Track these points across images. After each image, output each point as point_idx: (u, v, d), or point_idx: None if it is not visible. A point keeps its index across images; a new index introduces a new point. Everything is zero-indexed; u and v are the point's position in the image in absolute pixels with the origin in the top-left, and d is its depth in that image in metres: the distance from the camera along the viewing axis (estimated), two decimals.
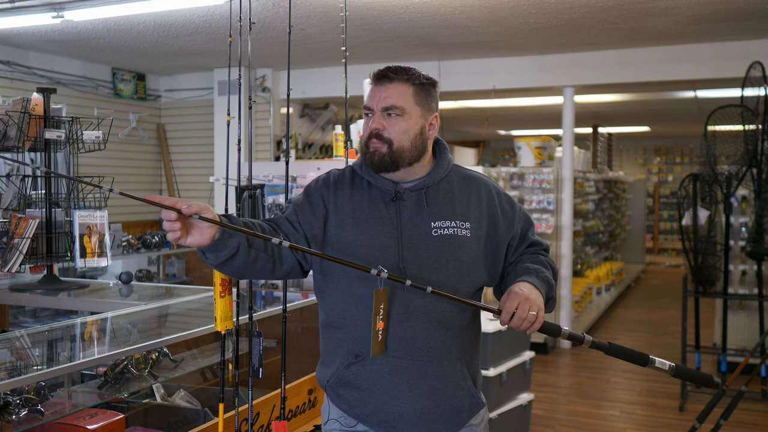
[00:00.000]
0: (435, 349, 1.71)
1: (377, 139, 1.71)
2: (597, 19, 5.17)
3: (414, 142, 1.72)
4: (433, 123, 1.77)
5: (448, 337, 1.72)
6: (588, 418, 4.80)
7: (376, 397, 1.72)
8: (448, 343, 1.73)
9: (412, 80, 1.73)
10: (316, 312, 3.37)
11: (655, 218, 15.40)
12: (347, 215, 1.75)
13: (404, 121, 1.71)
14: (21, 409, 2.20)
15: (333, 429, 1.82)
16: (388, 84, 1.72)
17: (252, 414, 2.10)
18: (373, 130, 1.71)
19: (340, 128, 3.99)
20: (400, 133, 1.71)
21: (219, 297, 1.94)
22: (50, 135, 3.16)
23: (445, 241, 1.72)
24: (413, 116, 1.72)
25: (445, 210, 1.75)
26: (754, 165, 4.96)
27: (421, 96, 1.74)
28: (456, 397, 1.74)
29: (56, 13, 4.69)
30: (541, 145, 7.29)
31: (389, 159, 1.70)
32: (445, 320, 1.72)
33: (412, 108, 1.72)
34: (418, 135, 1.73)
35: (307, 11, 4.99)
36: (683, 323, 5.13)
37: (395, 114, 1.71)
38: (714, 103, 5.45)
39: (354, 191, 1.77)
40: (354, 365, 1.73)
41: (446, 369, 1.72)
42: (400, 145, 1.70)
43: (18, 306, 3.84)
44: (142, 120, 7.87)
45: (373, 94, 1.74)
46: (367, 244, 1.71)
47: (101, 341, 2.61)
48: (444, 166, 1.80)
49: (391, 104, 1.70)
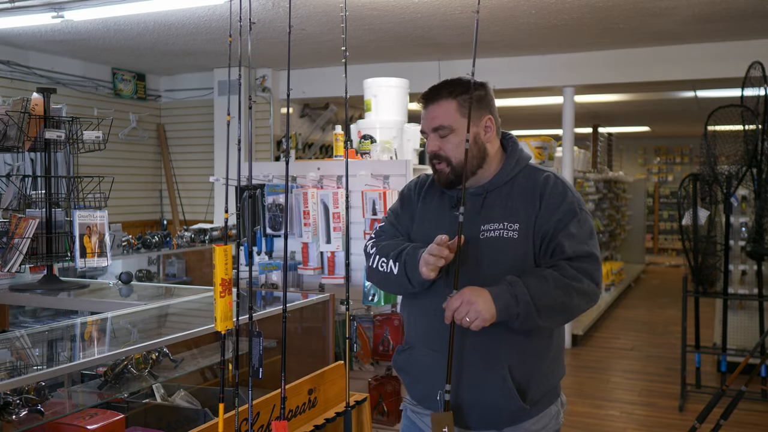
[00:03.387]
0: (469, 350, 1.78)
1: (437, 160, 1.84)
2: (597, 19, 5.17)
3: (470, 152, 1.79)
4: (488, 125, 1.84)
5: (482, 341, 1.77)
6: (588, 418, 4.80)
7: (422, 384, 1.88)
8: (482, 347, 1.78)
9: (455, 94, 1.81)
10: (316, 312, 3.37)
11: (655, 218, 15.40)
12: (422, 217, 1.95)
13: (455, 136, 1.80)
14: (21, 409, 2.20)
15: (405, 404, 2.05)
16: (433, 105, 1.83)
17: (252, 414, 2.10)
18: (430, 153, 1.85)
19: (340, 128, 3.99)
20: (453, 148, 1.80)
21: (219, 297, 1.94)
22: (50, 135, 3.16)
23: (491, 243, 1.78)
24: (462, 129, 1.80)
25: (497, 212, 1.81)
26: (754, 165, 4.96)
27: (467, 106, 1.79)
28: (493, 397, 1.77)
29: (56, 13, 4.69)
30: (541, 145, 7.28)
31: (453, 176, 1.82)
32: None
33: (458, 122, 1.80)
34: (473, 145, 1.81)
35: (307, 11, 4.99)
36: (683, 323, 5.13)
37: (445, 133, 1.80)
38: (714, 103, 5.45)
39: (430, 196, 1.96)
40: (403, 352, 1.93)
41: (483, 370, 1.77)
42: (457, 160, 1.80)
43: (18, 306, 3.83)
44: (142, 120, 7.87)
45: (424, 116, 1.86)
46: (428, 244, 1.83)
47: (101, 341, 2.61)
48: (508, 169, 1.85)
49: (438, 124, 1.81)
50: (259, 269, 3.73)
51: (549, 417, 1.86)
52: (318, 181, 3.74)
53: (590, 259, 1.77)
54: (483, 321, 1.63)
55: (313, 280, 3.76)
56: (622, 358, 6.58)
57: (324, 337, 3.37)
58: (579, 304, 1.74)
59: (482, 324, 1.64)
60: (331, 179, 3.72)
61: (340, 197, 3.56)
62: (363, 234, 3.55)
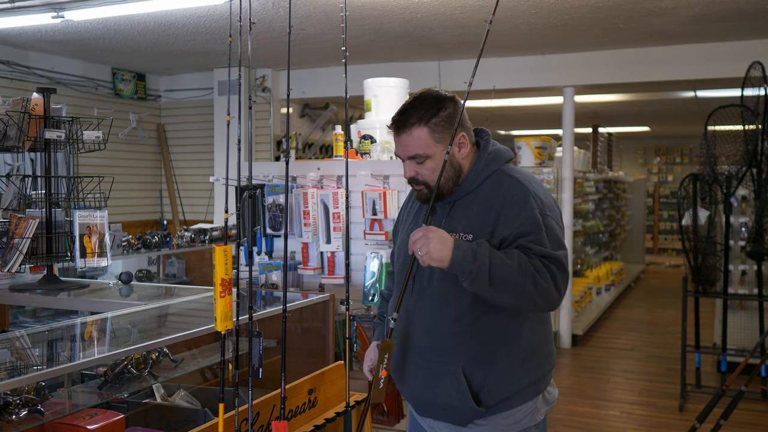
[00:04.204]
0: (426, 351, 1.85)
1: (415, 183, 1.89)
2: (597, 19, 5.17)
3: (446, 174, 1.83)
4: (462, 142, 1.86)
5: (436, 340, 1.82)
6: (588, 418, 4.80)
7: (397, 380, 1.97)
8: (437, 346, 1.83)
9: (426, 119, 1.81)
10: (316, 312, 3.37)
11: (655, 218, 15.40)
12: (404, 220, 2.05)
13: (431, 161, 1.83)
14: (21, 409, 2.20)
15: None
16: (405, 134, 1.84)
17: (252, 414, 2.10)
18: (408, 178, 1.89)
19: (340, 128, 3.99)
20: (430, 173, 1.84)
21: (219, 297, 1.94)
22: (50, 135, 3.16)
23: None
24: (437, 154, 1.83)
25: (458, 223, 1.85)
26: (754, 165, 4.96)
27: (439, 129, 1.82)
28: (449, 397, 1.82)
29: (56, 13, 4.69)
30: (541, 145, 7.29)
31: (431, 195, 1.83)
32: (433, 326, 1.83)
33: (433, 148, 1.83)
34: (449, 167, 1.84)
35: (307, 11, 4.99)
36: (683, 323, 5.13)
37: (421, 160, 1.83)
38: (714, 103, 5.44)
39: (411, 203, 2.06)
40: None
41: (439, 370, 1.82)
42: (435, 183, 1.83)
43: (18, 306, 3.83)
44: (142, 120, 7.87)
45: (396, 143, 1.88)
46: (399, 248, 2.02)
47: (101, 341, 2.61)
48: (473, 176, 1.86)
49: (413, 153, 1.84)
50: (259, 269, 3.74)
51: (523, 413, 1.85)
52: (318, 181, 3.74)
53: (556, 263, 1.74)
54: (431, 259, 1.67)
55: (313, 280, 3.76)
56: (622, 358, 6.59)
57: (324, 337, 3.38)
58: (533, 296, 1.70)
59: (429, 262, 1.67)
60: (331, 179, 3.72)
61: (340, 197, 3.56)
62: (363, 234, 3.55)
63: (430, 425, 1.95)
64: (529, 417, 1.86)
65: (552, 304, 1.76)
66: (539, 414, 1.88)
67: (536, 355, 1.87)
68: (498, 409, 1.83)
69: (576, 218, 7.47)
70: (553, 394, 1.95)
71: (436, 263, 1.68)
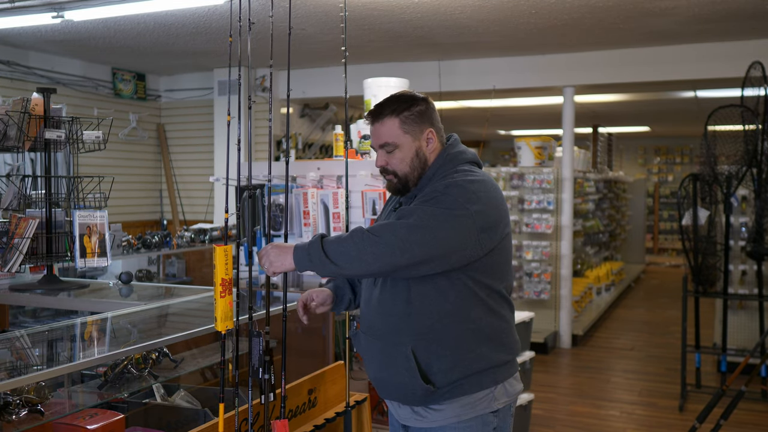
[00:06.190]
0: (381, 332, 1.97)
1: (385, 173, 2.01)
2: (597, 19, 5.17)
3: (412, 164, 1.97)
4: (430, 137, 1.99)
5: (390, 323, 1.94)
6: (588, 418, 4.80)
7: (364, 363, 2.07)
8: (390, 329, 1.94)
9: (398, 112, 1.96)
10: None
11: (655, 218, 15.40)
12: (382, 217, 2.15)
13: (399, 151, 1.97)
14: (21, 409, 2.20)
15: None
16: (378, 123, 1.98)
17: (252, 414, 2.10)
18: (379, 167, 2.01)
19: (340, 128, 3.99)
20: (399, 162, 1.98)
21: (219, 297, 1.95)
22: (50, 135, 3.16)
23: None
24: (406, 144, 1.97)
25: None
26: (754, 165, 4.96)
27: (410, 122, 1.96)
28: (401, 376, 1.92)
29: (56, 13, 4.69)
30: (541, 145, 7.29)
31: (400, 185, 2.00)
32: (384, 308, 1.95)
33: (402, 138, 1.96)
34: (415, 158, 1.98)
35: (307, 11, 4.99)
36: (683, 323, 5.13)
37: (390, 149, 1.97)
38: (714, 103, 5.45)
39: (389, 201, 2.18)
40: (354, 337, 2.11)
41: (391, 350, 1.93)
42: (402, 172, 1.98)
43: (18, 306, 3.83)
44: (142, 120, 7.87)
45: (371, 133, 2.02)
46: None
47: (101, 341, 2.61)
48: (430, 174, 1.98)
49: (384, 141, 1.97)
50: (259, 269, 3.73)
51: (478, 399, 1.92)
52: (318, 181, 3.74)
53: (404, 222, 1.81)
54: (275, 269, 1.88)
55: (313, 280, 3.76)
56: (622, 358, 6.59)
57: (324, 337, 3.38)
58: (374, 252, 1.79)
59: (275, 271, 1.88)
60: (331, 179, 3.72)
61: (340, 197, 3.56)
62: None
63: (394, 409, 2.05)
64: (485, 404, 1.93)
65: (395, 249, 1.78)
66: (496, 402, 1.94)
67: (490, 342, 1.93)
68: (452, 393, 1.90)
69: (576, 218, 7.47)
70: (516, 387, 2.02)
71: (285, 269, 1.87)
